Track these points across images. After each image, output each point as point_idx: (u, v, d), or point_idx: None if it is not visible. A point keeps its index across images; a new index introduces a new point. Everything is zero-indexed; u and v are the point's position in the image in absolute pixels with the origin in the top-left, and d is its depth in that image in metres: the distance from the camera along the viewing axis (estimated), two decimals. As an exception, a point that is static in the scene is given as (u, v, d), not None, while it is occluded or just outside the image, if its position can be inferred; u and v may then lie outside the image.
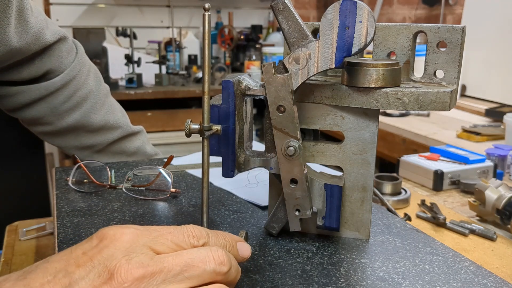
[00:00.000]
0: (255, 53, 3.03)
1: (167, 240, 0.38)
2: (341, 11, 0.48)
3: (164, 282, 0.35)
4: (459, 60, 0.54)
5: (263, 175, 0.82)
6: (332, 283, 0.49)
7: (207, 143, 0.50)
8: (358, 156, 0.56)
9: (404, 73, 0.57)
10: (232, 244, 0.44)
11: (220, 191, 0.74)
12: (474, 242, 0.81)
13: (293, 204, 0.54)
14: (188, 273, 0.36)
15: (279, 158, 0.52)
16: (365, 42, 0.48)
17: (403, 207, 0.96)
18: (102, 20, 3.12)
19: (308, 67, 0.50)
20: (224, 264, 0.38)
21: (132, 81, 2.57)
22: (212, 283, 0.38)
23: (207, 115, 0.48)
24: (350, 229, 0.59)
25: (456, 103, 0.55)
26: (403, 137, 1.81)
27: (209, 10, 0.46)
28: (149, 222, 0.62)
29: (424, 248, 0.57)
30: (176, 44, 2.86)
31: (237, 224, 0.62)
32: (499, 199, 0.85)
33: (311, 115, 0.56)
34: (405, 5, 3.02)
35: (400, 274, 0.51)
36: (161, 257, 0.36)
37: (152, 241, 0.37)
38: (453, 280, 0.49)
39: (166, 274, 0.35)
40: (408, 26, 0.56)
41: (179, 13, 3.24)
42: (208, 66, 0.47)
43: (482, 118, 1.97)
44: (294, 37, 0.50)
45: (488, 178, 1.08)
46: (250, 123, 0.57)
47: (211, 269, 0.37)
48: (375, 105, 0.52)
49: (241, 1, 3.43)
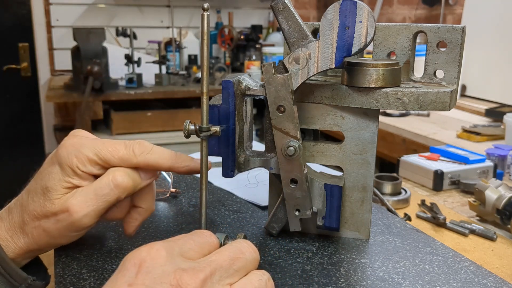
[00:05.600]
0: (255, 53, 3.03)
1: (193, 245, 0.39)
2: (341, 11, 0.48)
3: (221, 279, 0.37)
4: (459, 60, 0.54)
5: (263, 175, 0.82)
6: (332, 283, 0.49)
7: (205, 144, 0.50)
8: (358, 156, 0.56)
9: (404, 73, 0.57)
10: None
11: (220, 191, 0.74)
12: (474, 242, 0.81)
13: (293, 204, 0.54)
14: (236, 265, 0.38)
15: (279, 158, 0.52)
16: (365, 42, 0.48)
17: (403, 207, 0.96)
18: (102, 20, 3.12)
19: (308, 67, 0.50)
20: (256, 251, 0.40)
21: (132, 81, 2.57)
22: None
23: (206, 116, 0.48)
24: (350, 229, 0.58)
25: (456, 103, 0.55)
26: (403, 137, 1.81)
27: (208, 10, 0.46)
28: (149, 222, 0.62)
29: (424, 248, 0.57)
30: (176, 44, 2.86)
31: (237, 224, 0.62)
32: (499, 199, 0.85)
33: (311, 115, 0.56)
34: (405, 5, 3.02)
35: (400, 274, 0.51)
36: (206, 259, 0.38)
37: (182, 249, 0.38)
38: (453, 280, 0.49)
39: (220, 271, 0.37)
40: (408, 26, 0.56)
41: (179, 13, 3.24)
42: (206, 66, 0.47)
43: (482, 118, 1.97)
44: (294, 37, 0.50)
45: (488, 178, 1.08)
46: (250, 123, 0.57)
47: (252, 258, 0.39)
48: (375, 105, 0.52)
49: (241, 1, 3.43)
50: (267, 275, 0.39)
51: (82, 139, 0.49)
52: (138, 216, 0.53)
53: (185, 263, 0.36)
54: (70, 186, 0.48)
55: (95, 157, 0.48)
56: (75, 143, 0.48)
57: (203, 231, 0.42)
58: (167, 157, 0.50)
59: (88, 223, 0.48)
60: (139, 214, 0.53)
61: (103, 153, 0.48)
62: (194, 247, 0.39)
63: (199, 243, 0.40)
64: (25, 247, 0.49)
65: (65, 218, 0.47)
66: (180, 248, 0.38)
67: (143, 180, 0.50)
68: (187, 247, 0.39)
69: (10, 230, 0.49)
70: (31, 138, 2.96)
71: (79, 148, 0.48)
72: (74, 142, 0.49)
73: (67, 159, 0.47)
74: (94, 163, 0.48)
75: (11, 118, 2.88)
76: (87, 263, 0.52)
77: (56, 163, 0.48)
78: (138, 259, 0.36)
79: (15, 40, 2.86)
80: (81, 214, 0.47)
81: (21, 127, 2.93)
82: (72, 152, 0.48)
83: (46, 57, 3.06)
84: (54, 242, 0.50)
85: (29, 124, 2.94)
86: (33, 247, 0.49)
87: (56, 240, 0.49)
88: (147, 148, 0.49)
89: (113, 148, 0.49)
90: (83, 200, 0.47)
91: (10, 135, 2.90)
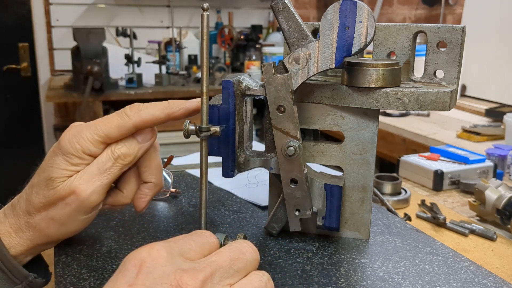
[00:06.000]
0: (255, 53, 3.03)
1: (193, 245, 0.39)
2: (341, 11, 0.48)
3: (221, 279, 0.37)
4: (459, 60, 0.54)
5: (263, 175, 0.82)
6: (332, 283, 0.49)
7: (205, 144, 0.49)
8: (358, 156, 0.56)
9: (404, 73, 0.57)
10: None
11: (220, 191, 0.74)
12: (474, 242, 0.81)
13: (293, 204, 0.54)
14: (236, 266, 0.38)
15: (279, 158, 0.52)
16: (365, 42, 0.48)
17: (403, 207, 0.96)
18: (102, 20, 3.12)
19: (308, 67, 0.50)
20: (256, 251, 0.40)
21: (132, 81, 2.57)
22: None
23: (205, 116, 0.48)
24: (350, 229, 0.58)
25: (456, 103, 0.55)
26: (403, 137, 1.81)
27: (208, 10, 0.46)
28: (149, 222, 0.62)
29: (424, 248, 0.57)
30: (176, 44, 2.86)
31: (237, 224, 0.62)
32: (499, 199, 0.85)
33: (311, 115, 0.56)
34: (405, 5, 3.02)
35: (400, 274, 0.51)
36: (206, 259, 0.38)
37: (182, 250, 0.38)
38: (453, 280, 0.49)
39: (220, 271, 0.37)
40: (408, 26, 0.56)
41: (179, 13, 3.24)
42: (206, 66, 0.47)
43: (482, 118, 1.97)
44: (294, 37, 0.50)
45: (488, 178, 1.08)
46: (250, 123, 0.57)
47: (252, 258, 0.39)
48: (375, 105, 0.52)
49: (241, 1, 3.43)
50: (267, 275, 0.39)
51: (79, 127, 0.50)
52: (148, 191, 0.53)
53: (185, 264, 0.36)
54: (73, 174, 0.48)
55: (96, 137, 0.49)
56: (75, 132, 0.49)
57: (203, 231, 0.42)
58: (161, 107, 0.50)
59: (96, 200, 0.49)
60: (149, 189, 0.53)
61: (101, 129, 0.49)
62: (194, 248, 0.39)
63: (199, 243, 0.40)
64: (30, 242, 0.49)
65: (73, 200, 0.48)
66: (180, 249, 0.38)
67: (142, 144, 0.51)
68: (187, 247, 0.39)
69: (15, 226, 0.49)
70: (31, 138, 2.96)
71: (80, 134, 0.49)
72: (73, 132, 0.49)
73: (71, 147, 0.48)
74: (98, 143, 0.49)
75: (11, 118, 2.88)
76: (87, 263, 0.52)
77: (60, 154, 0.49)
78: (139, 260, 0.36)
79: (15, 40, 2.87)
80: (88, 192, 0.48)
81: (21, 127, 2.93)
82: (74, 140, 0.49)
83: (46, 57, 3.06)
84: (64, 231, 0.50)
85: (29, 124, 2.95)
86: (40, 240, 0.50)
87: (66, 228, 0.50)
88: (138, 107, 0.50)
89: (108, 121, 0.50)
90: (88, 178, 0.48)
91: (10, 135, 2.90)
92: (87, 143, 0.49)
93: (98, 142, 0.49)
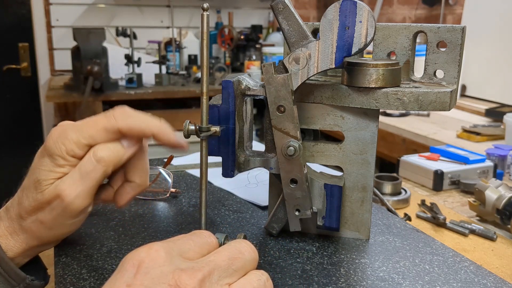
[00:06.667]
0: (255, 53, 3.03)
1: (192, 245, 0.39)
2: (341, 11, 0.48)
3: (220, 279, 0.37)
4: (459, 60, 0.54)
5: (263, 175, 0.82)
6: (332, 283, 0.49)
7: (205, 144, 0.50)
8: (358, 156, 0.56)
9: (404, 73, 0.57)
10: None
11: (220, 191, 0.74)
12: (474, 242, 0.81)
13: (293, 204, 0.54)
14: (235, 265, 0.38)
15: (279, 158, 0.52)
16: (365, 42, 0.48)
17: (403, 207, 0.96)
18: (102, 20, 3.12)
19: (308, 67, 0.50)
20: (255, 251, 0.40)
21: (132, 81, 2.57)
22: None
23: (205, 117, 0.48)
24: (350, 229, 0.58)
25: (456, 103, 0.55)
26: (403, 137, 1.81)
27: (208, 10, 0.46)
28: (149, 222, 0.62)
29: (424, 248, 0.57)
30: (176, 44, 2.86)
31: (237, 224, 0.62)
32: (499, 199, 0.85)
33: (311, 115, 0.56)
34: (405, 5, 3.02)
35: (400, 274, 0.51)
36: (205, 259, 0.38)
37: (181, 250, 0.38)
38: (453, 280, 0.49)
39: (219, 271, 0.37)
40: (408, 26, 0.56)
41: (179, 13, 3.24)
42: (206, 66, 0.47)
43: (482, 118, 1.97)
44: (294, 37, 0.50)
45: (488, 178, 1.08)
46: (250, 123, 0.57)
47: (251, 258, 0.39)
48: (375, 105, 0.52)
49: (241, 1, 3.43)
50: (266, 275, 0.39)
51: (66, 126, 0.49)
52: (130, 190, 0.52)
53: (184, 263, 0.36)
54: (60, 176, 0.47)
55: (81, 138, 0.47)
56: (61, 132, 0.48)
57: (202, 232, 0.42)
58: (150, 125, 0.49)
59: (81, 204, 0.47)
60: (131, 188, 0.52)
61: (86, 130, 0.47)
62: (193, 247, 0.39)
63: (199, 243, 0.40)
64: (25, 244, 0.49)
65: (58, 205, 0.47)
66: (179, 249, 0.38)
67: (127, 149, 0.49)
68: (186, 247, 0.39)
69: (9, 228, 0.49)
70: (31, 138, 2.95)
71: (65, 135, 0.47)
72: (59, 132, 0.48)
73: (56, 148, 0.47)
74: (82, 145, 0.47)
75: (11, 118, 2.88)
76: (87, 263, 0.52)
77: (46, 155, 0.48)
78: (137, 260, 0.36)
79: (15, 40, 2.87)
80: (71, 196, 0.46)
81: (21, 127, 2.93)
82: (59, 141, 0.47)
83: (46, 57, 3.06)
84: (53, 234, 0.50)
85: (29, 124, 2.94)
86: (33, 243, 0.49)
87: (55, 231, 0.49)
88: (128, 113, 0.49)
89: (94, 122, 0.48)
90: (71, 182, 0.47)
91: (10, 135, 2.89)
92: (71, 144, 0.47)
93: (83, 145, 0.47)
